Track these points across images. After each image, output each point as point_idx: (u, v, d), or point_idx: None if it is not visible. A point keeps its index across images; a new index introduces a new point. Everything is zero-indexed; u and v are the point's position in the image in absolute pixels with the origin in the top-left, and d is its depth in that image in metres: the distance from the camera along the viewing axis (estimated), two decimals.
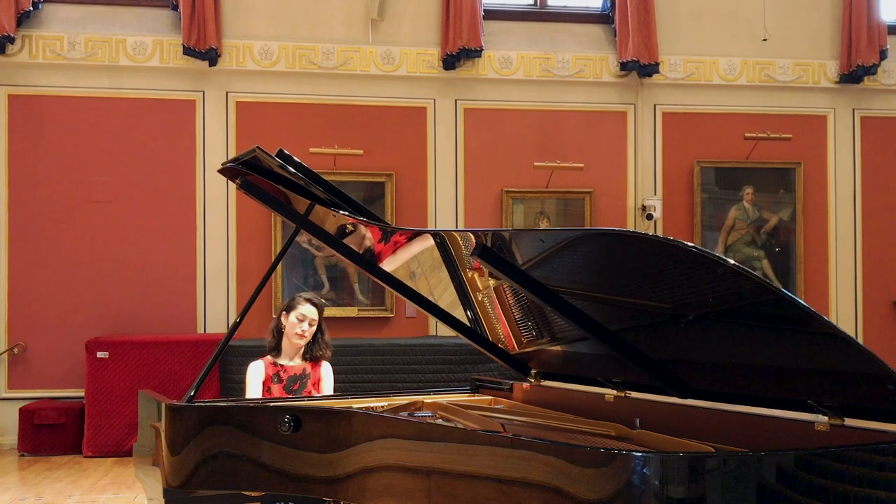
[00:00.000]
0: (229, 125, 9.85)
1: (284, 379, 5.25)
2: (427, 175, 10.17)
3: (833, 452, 2.53)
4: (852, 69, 10.55)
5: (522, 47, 10.40)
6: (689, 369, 3.34)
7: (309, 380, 5.30)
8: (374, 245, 4.42)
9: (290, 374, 5.26)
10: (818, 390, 2.80)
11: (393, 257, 4.43)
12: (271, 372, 5.27)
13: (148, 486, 4.31)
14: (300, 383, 5.26)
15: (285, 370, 5.28)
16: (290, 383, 5.24)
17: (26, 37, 9.53)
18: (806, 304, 2.51)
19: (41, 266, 9.49)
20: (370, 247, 4.45)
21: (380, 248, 4.42)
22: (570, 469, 2.56)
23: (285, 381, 5.25)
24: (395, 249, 4.35)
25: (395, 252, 4.38)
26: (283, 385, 5.24)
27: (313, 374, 5.33)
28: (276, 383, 5.24)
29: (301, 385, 5.26)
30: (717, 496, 2.41)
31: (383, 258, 4.47)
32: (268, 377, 5.26)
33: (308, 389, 5.28)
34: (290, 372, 5.27)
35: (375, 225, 4.18)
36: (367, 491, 3.34)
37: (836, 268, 10.72)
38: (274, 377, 5.25)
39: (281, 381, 5.24)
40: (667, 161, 10.52)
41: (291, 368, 5.29)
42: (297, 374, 5.28)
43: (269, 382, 5.25)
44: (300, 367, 5.31)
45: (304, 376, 5.28)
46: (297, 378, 5.27)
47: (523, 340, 4.31)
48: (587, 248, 3.17)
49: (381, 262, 4.50)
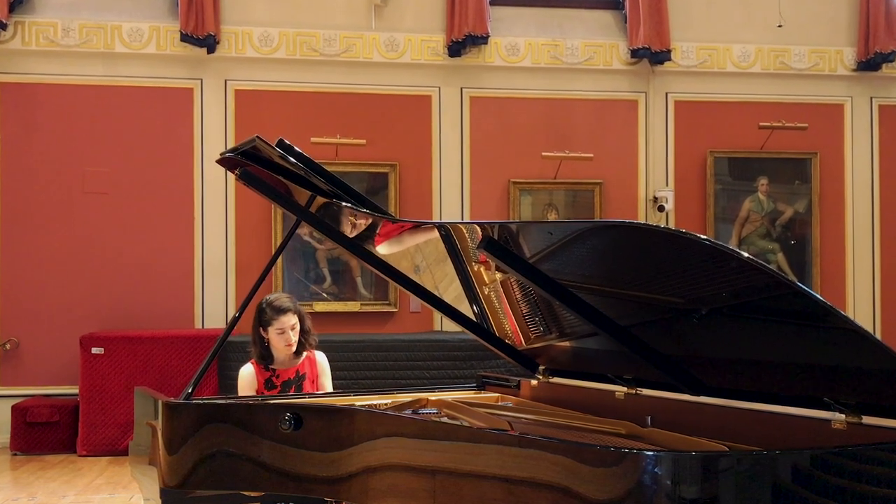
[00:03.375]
0: (228, 114, 9.85)
1: (278, 385, 5.12)
2: (432, 166, 10.17)
3: (850, 451, 2.52)
4: (870, 56, 10.53)
5: (530, 34, 10.39)
6: (701, 366, 3.33)
7: (305, 379, 5.21)
8: (377, 238, 4.42)
9: (283, 380, 5.14)
10: (835, 387, 2.80)
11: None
12: (263, 378, 5.14)
13: (144, 486, 4.32)
14: (295, 387, 5.16)
15: (278, 375, 5.15)
16: (284, 389, 5.13)
17: (19, 23, 9.53)
18: (822, 299, 2.50)
19: (34, 259, 9.50)
20: (373, 240, 4.45)
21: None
22: (580, 468, 2.56)
23: (280, 386, 5.13)
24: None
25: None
26: (277, 391, 5.13)
27: (310, 371, 5.24)
28: (270, 390, 5.11)
29: (297, 388, 5.15)
30: (730, 496, 2.41)
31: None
32: (260, 384, 5.13)
33: (306, 390, 5.15)
34: (283, 377, 5.13)
35: (379, 217, 4.18)
36: (370, 491, 3.34)
37: (854, 261, 10.71)
38: (266, 383, 5.11)
39: (275, 386, 5.09)
40: (679, 151, 10.51)
41: (285, 373, 5.16)
42: (291, 377, 5.17)
43: (261, 389, 5.12)
44: (293, 370, 5.19)
45: (299, 378, 5.17)
46: (291, 382, 5.15)
47: (531, 336, 4.30)
48: (597, 241, 3.16)
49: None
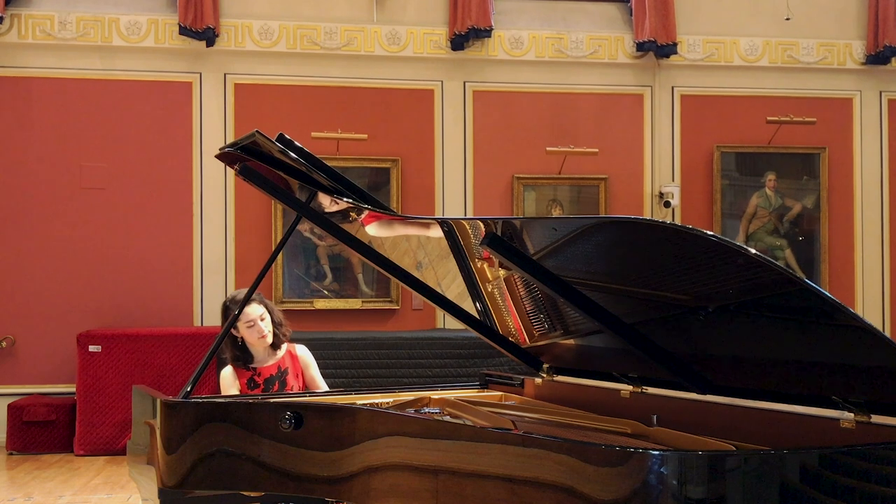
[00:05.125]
0: (227, 108, 9.86)
1: (261, 383, 5.12)
2: (434, 161, 10.17)
3: (859, 451, 2.52)
4: (879, 50, 10.51)
5: (534, 27, 10.38)
6: (708, 364, 3.33)
7: (288, 374, 5.20)
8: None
9: (265, 377, 5.13)
10: (843, 386, 2.80)
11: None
12: (245, 379, 5.12)
13: (142, 486, 4.32)
14: (279, 383, 5.15)
15: (259, 373, 5.13)
16: (267, 386, 5.12)
17: (15, 16, 9.53)
18: (830, 296, 2.50)
19: (30, 255, 9.51)
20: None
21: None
22: (584, 468, 2.56)
23: (262, 384, 5.12)
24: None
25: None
26: (260, 390, 5.13)
27: (292, 365, 5.23)
28: (253, 389, 5.09)
29: (281, 384, 5.12)
30: (737, 496, 2.41)
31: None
32: (242, 385, 5.11)
33: (290, 385, 5.16)
34: (265, 374, 5.12)
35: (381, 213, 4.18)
36: (371, 491, 3.35)
37: (863, 257, 10.71)
38: (249, 383, 5.10)
39: (258, 385, 5.09)
40: (685, 146, 10.51)
41: (266, 370, 5.14)
42: (273, 373, 5.15)
43: (244, 390, 5.10)
44: (274, 366, 5.18)
45: (282, 373, 5.16)
46: (274, 379, 5.13)
47: (535, 334, 4.31)
48: (602, 237, 3.16)
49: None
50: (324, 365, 8.17)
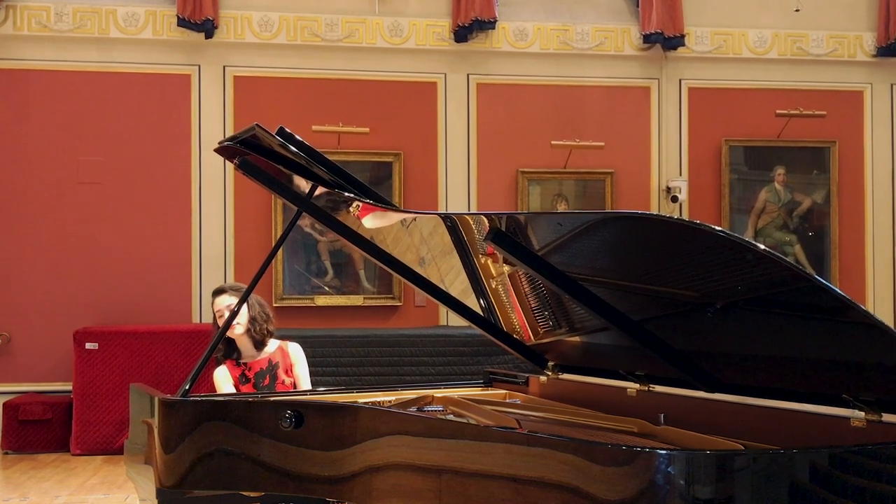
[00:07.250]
0: (227, 101, 9.86)
1: (251, 377, 5.20)
2: (437, 155, 10.17)
3: (870, 450, 2.52)
4: (890, 42, 10.50)
5: (539, 18, 10.37)
6: (716, 361, 3.33)
7: (279, 368, 5.27)
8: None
9: (256, 371, 5.22)
10: (854, 384, 2.79)
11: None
12: (237, 373, 5.23)
13: (140, 486, 4.33)
14: (269, 377, 5.22)
15: (250, 368, 5.23)
16: (258, 380, 5.20)
17: (10, 7, 9.53)
18: (841, 292, 2.50)
19: (26, 251, 9.51)
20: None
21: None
22: (590, 468, 2.56)
23: (253, 378, 5.20)
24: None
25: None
26: (251, 384, 5.20)
27: (283, 361, 5.31)
28: (245, 384, 5.20)
29: (272, 378, 5.21)
30: (746, 496, 2.41)
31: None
32: (235, 380, 5.21)
33: (281, 379, 5.25)
34: (255, 368, 5.23)
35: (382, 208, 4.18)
36: (373, 491, 3.35)
37: (873, 253, 10.70)
38: (241, 378, 5.20)
39: (249, 380, 5.18)
40: (693, 140, 10.50)
41: (256, 364, 5.25)
42: (264, 367, 5.24)
43: (238, 385, 5.20)
44: (265, 360, 5.27)
45: (272, 367, 5.25)
46: (264, 372, 5.22)
47: (540, 331, 4.31)
48: (608, 233, 3.17)
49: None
50: (325, 363, 8.26)
